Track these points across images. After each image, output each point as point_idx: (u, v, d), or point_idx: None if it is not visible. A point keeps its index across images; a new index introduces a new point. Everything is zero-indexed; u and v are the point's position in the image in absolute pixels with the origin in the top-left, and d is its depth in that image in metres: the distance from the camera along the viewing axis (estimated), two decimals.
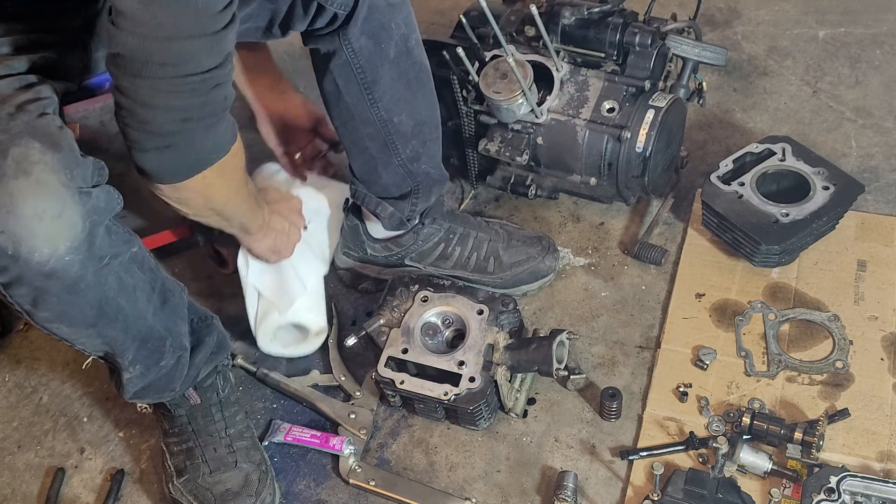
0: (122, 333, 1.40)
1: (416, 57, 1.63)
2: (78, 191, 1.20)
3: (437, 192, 1.83)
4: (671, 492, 1.50)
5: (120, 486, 1.68)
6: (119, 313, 1.36)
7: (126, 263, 1.33)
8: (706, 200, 1.82)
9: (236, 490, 1.57)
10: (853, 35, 2.38)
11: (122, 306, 1.35)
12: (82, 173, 1.21)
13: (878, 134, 2.12)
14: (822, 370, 1.67)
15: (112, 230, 1.29)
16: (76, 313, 1.31)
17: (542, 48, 1.90)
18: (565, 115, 1.87)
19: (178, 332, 1.51)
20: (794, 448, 1.53)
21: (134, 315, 1.39)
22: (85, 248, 1.22)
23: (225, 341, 1.67)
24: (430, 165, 1.76)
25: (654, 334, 1.79)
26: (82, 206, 1.20)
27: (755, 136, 2.10)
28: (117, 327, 1.38)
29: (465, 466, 1.64)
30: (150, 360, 1.48)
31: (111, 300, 1.33)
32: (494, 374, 1.61)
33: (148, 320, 1.42)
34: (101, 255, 1.26)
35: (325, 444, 1.67)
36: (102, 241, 1.26)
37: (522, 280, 1.86)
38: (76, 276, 1.23)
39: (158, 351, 1.48)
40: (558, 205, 2.06)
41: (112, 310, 1.34)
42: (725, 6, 2.51)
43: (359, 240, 1.88)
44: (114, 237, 1.29)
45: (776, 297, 1.80)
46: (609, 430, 1.66)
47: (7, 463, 1.74)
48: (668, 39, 1.92)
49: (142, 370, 1.48)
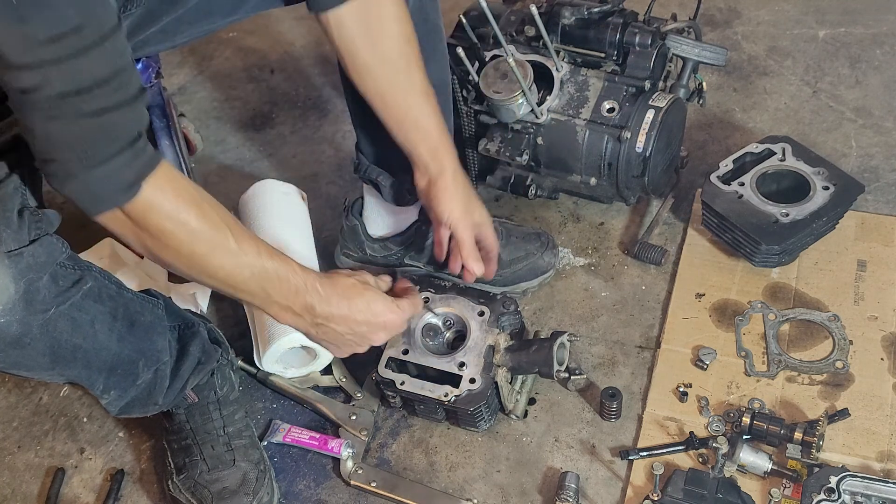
0: (84, 370, 1.38)
1: (430, 16, 1.57)
2: (6, 255, 1.17)
3: None
4: (671, 492, 1.50)
5: (120, 486, 1.67)
6: (76, 352, 1.33)
7: (78, 302, 1.30)
8: (706, 200, 1.81)
9: (234, 488, 1.57)
10: (853, 35, 2.38)
11: (79, 345, 1.32)
12: (14, 235, 1.18)
13: (878, 134, 2.12)
14: (822, 370, 1.67)
15: (58, 275, 1.26)
16: (30, 362, 1.29)
17: (542, 48, 1.90)
18: (565, 115, 1.87)
19: (151, 349, 1.48)
20: (794, 448, 1.53)
21: (95, 349, 1.36)
22: (21, 306, 1.20)
23: (211, 349, 1.63)
24: None
25: (654, 334, 1.79)
26: (14, 269, 1.18)
27: (755, 136, 2.10)
28: (77, 365, 1.36)
29: (465, 466, 1.64)
30: (125, 382, 1.46)
31: (65, 343, 1.30)
32: (495, 375, 1.61)
33: (113, 349, 1.39)
34: (45, 307, 1.24)
35: (324, 446, 1.67)
36: (46, 293, 1.23)
37: (522, 277, 1.85)
38: (17, 333, 1.22)
39: (132, 374, 1.46)
40: (558, 205, 2.06)
41: (68, 352, 1.31)
42: (725, 6, 2.51)
43: (358, 240, 1.88)
44: (61, 282, 1.26)
45: (776, 297, 1.80)
46: (609, 430, 1.66)
47: (7, 463, 1.74)
48: (668, 39, 1.92)
49: (118, 393, 1.47)
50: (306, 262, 1.86)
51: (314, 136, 2.34)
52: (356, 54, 1.49)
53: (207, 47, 2.61)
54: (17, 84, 1.08)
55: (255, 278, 1.31)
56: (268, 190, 1.97)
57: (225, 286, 1.33)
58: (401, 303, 1.47)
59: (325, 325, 1.41)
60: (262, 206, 1.94)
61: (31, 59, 1.06)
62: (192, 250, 1.25)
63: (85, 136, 1.12)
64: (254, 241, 1.31)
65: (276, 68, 2.55)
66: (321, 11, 1.47)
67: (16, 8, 1.02)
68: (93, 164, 1.13)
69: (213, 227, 1.25)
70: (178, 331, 1.56)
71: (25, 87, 1.08)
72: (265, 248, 1.32)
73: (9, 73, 1.07)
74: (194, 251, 1.25)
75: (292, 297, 1.36)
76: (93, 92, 1.09)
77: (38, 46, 1.05)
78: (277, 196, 1.97)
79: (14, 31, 1.03)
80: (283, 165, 2.26)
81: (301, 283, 1.36)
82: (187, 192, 1.23)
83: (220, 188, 2.17)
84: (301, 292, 1.36)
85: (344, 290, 1.40)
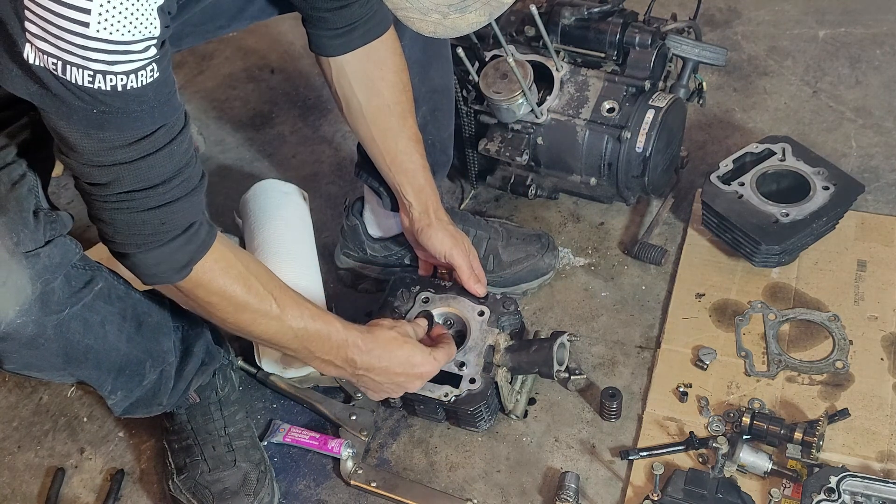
0: (94, 370, 1.39)
1: None
2: (24, 255, 1.18)
3: (440, 173, 1.82)
4: (671, 492, 1.50)
5: (120, 486, 1.67)
6: (88, 353, 1.35)
7: (90, 303, 1.32)
8: (706, 200, 1.81)
9: (234, 489, 1.57)
10: (853, 35, 2.38)
11: (91, 345, 1.34)
12: (31, 235, 1.20)
13: (878, 134, 2.12)
14: (822, 370, 1.67)
15: (71, 276, 1.28)
16: (42, 363, 1.31)
17: (542, 48, 1.90)
18: (565, 115, 1.87)
19: (158, 350, 1.50)
20: (794, 448, 1.53)
21: (105, 350, 1.38)
22: (38, 307, 1.22)
23: (214, 350, 1.65)
24: (436, 138, 1.75)
25: (654, 334, 1.79)
26: (31, 269, 1.19)
27: (755, 136, 2.10)
28: (88, 365, 1.37)
29: (465, 466, 1.64)
30: (132, 383, 1.48)
31: (77, 343, 1.32)
32: (495, 375, 1.61)
33: (122, 350, 1.41)
34: (59, 307, 1.26)
35: (324, 446, 1.67)
36: (61, 294, 1.25)
37: (522, 278, 1.86)
38: (33, 333, 1.23)
39: (139, 374, 1.48)
40: (558, 205, 2.06)
41: (79, 352, 1.33)
42: (725, 6, 2.51)
43: (359, 240, 1.88)
44: (74, 283, 1.28)
45: (776, 297, 1.80)
46: (609, 430, 1.66)
47: (7, 463, 1.74)
48: (668, 39, 1.92)
49: (124, 394, 1.48)
50: (307, 262, 1.86)
51: (314, 136, 2.34)
52: (352, 100, 1.58)
53: (207, 47, 2.61)
54: (88, 179, 1.16)
55: (298, 339, 1.41)
56: (268, 190, 1.97)
57: (269, 344, 1.48)
58: (437, 353, 1.56)
59: (366, 376, 1.51)
60: (263, 206, 1.94)
61: (105, 160, 1.13)
62: (237, 318, 1.35)
63: (146, 225, 1.20)
64: (297, 305, 1.40)
65: (276, 68, 2.55)
66: (323, 55, 1.54)
67: (96, 117, 1.08)
68: (149, 249, 1.22)
69: (258, 298, 1.34)
70: (182, 331, 1.57)
71: (97, 182, 1.15)
72: (308, 311, 1.41)
73: (81, 168, 1.14)
74: (239, 319, 1.35)
75: (334, 353, 1.46)
76: (157, 189, 1.18)
77: (113, 150, 1.12)
78: (278, 196, 1.97)
79: (93, 136, 1.10)
80: (283, 165, 2.26)
81: (342, 340, 1.46)
82: (235, 268, 1.32)
83: (220, 188, 2.17)
84: (343, 347, 1.46)
85: (384, 343, 1.50)
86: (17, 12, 1.02)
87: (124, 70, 1.06)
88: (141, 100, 1.09)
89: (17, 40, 1.03)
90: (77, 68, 1.03)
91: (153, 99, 1.11)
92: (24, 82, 1.07)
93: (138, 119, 1.11)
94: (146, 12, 1.04)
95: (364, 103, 1.58)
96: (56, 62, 1.03)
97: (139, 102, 1.09)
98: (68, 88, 1.05)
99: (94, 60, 1.03)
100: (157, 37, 1.07)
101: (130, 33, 1.03)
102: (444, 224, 1.69)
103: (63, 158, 1.16)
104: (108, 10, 1.01)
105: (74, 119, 1.09)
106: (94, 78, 1.04)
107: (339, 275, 1.94)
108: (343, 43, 1.52)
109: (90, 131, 1.10)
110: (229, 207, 2.05)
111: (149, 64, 1.08)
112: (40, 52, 1.03)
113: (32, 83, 1.07)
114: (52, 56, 1.03)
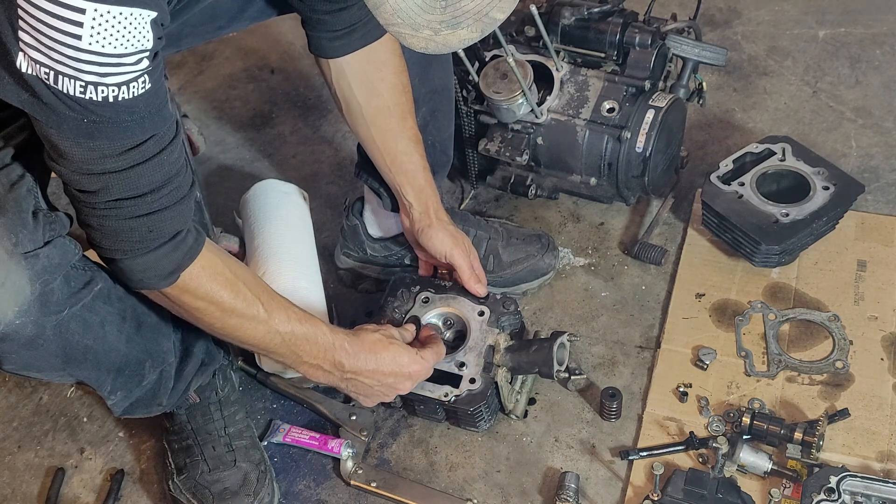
0: (94, 370, 1.40)
1: None
2: (23, 256, 1.19)
3: (440, 174, 1.82)
4: (671, 492, 1.50)
5: (120, 486, 1.67)
6: (87, 353, 1.35)
7: (89, 304, 1.32)
8: (706, 200, 1.81)
9: (234, 489, 1.57)
10: (853, 35, 2.38)
11: (90, 346, 1.35)
12: (30, 236, 1.20)
13: (878, 134, 2.12)
14: (822, 370, 1.67)
15: (71, 277, 1.28)
16: (41, 363, 1.31)
17: (542, 48, 1.90)
18: (565, 115, 1.87)
19: (158, 350, 1.50)
20: (794, 448, 1.53)
21: (104, 350, 1.38)
22: (37, 308, 1.22)
23: (214, 350, 1.65)
24: (436, 138, 1.75)
25: (654, 334, 1.79)
26: (30, 270, 1.19)
27: (755, 136, 2.10)
28: (88, 366, 1.38)
29: (465, 466, 1.64)
30: (132, 383, 1.48)
31: (76, 344, 1.32)
32: (495, 375, 1.61)
33: (121, 350, 1.41)
34: (59, 308, 1.26)
35: (324, 446, 1.67)
36: (60, 294, 1.25)
37: (522, 278, 1.86)
38: (32, 334, 1.23)
39: (138, 374, 1.48)
40: (558, 205, 2.06)
41: (79, 353, 1.34)
42: (725, 6, 2.51)
43: (359, 240, 1.88)
44: (73, 283, 1.28)
45: (776, 297, 1.80)
46: (609, 430, 1.66)
47: (7, 463, 1.74)
48: (668, 39, 1.92)
49: (124, 394, 1.48)
50: (307, 262, 1.86)
51: (314, 136, 2.34)
52: (352, 101, 1.59)
53: (207, 47, 2.61)
54: (77, 186, 1.17)
55: (285, 343, 1.42)
56: (269, 190, 1.97)
57: (257, 350, 1.50)
58: (424, 353, 1.56)
59: (355, 379, 1.51)
60: (263, 206, 1.93)
61: (94, 168, 1.13)
62: (224, 324, 1.36)
63: (133, 232, 1.21)
64: (284, 309, 1.41)
65: (276, 68, 2.55)
66: (322, 57, 1.54)
67: (87, 126, 1.09)
68: (136, 255, 1.24)
69: (245, 303, 1.35)
70: (182, 332, 1.56)
71: (85, 189, 1.16)
72: (294, 314, 1.42)
73: (71, 175, 1.15)
74: (227, 324, 1.36)
75: (321, 357, 1.46)
76: (146, 198, 1.19)
77: (103, 159, 1.13)
78: (278, 196, 1.97)
79: (83, 145, 1.11)
80: (283, 165, 2.26)
81: (329, 343, 1.46)
82: (223, 274, 1.33)
83: (220, 188, 2.17)
84: (330, 350, 1.47)
85: (370, 345, 1.51)
86: (10, 21, 1.02)
87: (116, 82, 1.07)
88: (132, 110, 1.10)
89: (10, 49, 1.04)
90: (69, 79, 1.04)
91: (144, 110, 1.11)
92: (15, 90, 1.07)
93: (128, 129, 1.12)
94: (139, 26, 1.05)
95: (364, 104, 1.59)
96: (48, 72, 1.04)
97: (130, 113, 1.10)
98: (60, 98, 1.06)
99: (86, 72, 1.04)
100: (150, 49, 1.08)
101: (123, 46, 1.04)
102: (445, 224, 1.69)
103: (53, 165, 1.17)
104: (101, 24, 1.02)
105: (65, 128, 1.09)
106: (86, 89, 1.05)
107: (339, 275, 1.94)
108: (343, 45, 1.52)
109: (80, 140, 1.11)
110: (229, 207, 2.05)
111: (141, 76, 1.09)
112: (33, 61, 1.04)
113: (24, 91, 1.07)
114: (45, 66, 1.04)
